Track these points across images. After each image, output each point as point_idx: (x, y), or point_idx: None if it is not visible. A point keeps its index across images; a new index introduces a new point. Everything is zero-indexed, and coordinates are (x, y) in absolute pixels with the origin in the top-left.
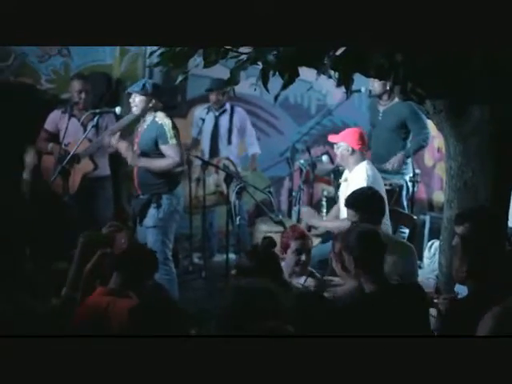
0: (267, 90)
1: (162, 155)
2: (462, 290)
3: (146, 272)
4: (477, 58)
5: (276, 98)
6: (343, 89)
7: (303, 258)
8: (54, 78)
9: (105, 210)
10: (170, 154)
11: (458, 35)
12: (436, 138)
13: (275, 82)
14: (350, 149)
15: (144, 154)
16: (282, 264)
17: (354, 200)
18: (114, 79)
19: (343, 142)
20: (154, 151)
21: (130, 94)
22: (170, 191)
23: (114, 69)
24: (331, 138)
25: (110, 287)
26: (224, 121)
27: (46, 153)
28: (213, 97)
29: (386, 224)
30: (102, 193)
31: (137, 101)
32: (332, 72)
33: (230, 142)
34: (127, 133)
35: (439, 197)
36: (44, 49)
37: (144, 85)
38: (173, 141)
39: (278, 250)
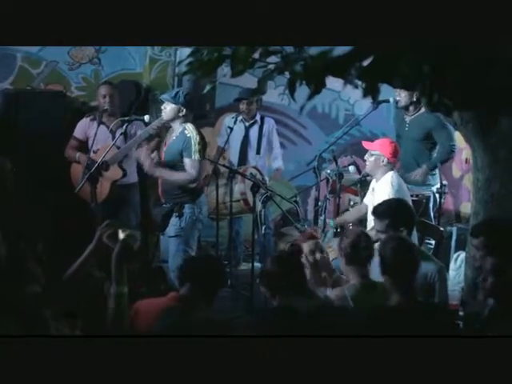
0: (294, 100)
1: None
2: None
3: (218, 285)
4: (505, 69)
5: (301, 108)
6: (371, 99)
7: (318, 256)
8: (85, 86)
9: (132, 217)
10: (189, 169)
11: (486, 46)
12: (464, 150)
13: (303, 91)
14: (385, 159)
15: (169, 163)
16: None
17: (381, 210)
18: (143, 87)
19: (378, 151)
20: (179, 162)
21: (161, 102)
22: (192, 200)
23: (143, 77)
24: (366, 145)
25: (183, 293)
26: (254, 131)
27: (75, 161)
28: (242, 106)
29: (413, 235)
30: (129, 200)
31: (168, 109)
32: (359, 82)
33: (258, 152)
34: (149, 140)
35: (466, 208)
36: (75, 56)
37: (177, 93)
38: (196, 156)
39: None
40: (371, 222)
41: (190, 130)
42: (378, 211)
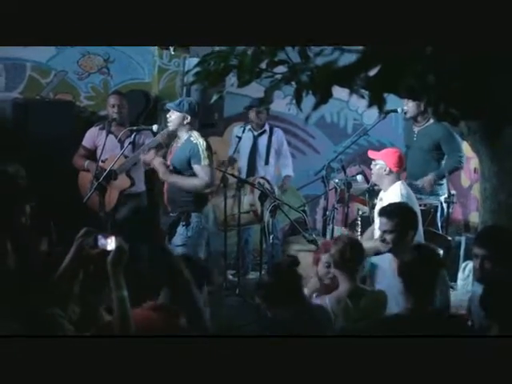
0: (300, 110)
1: (193, 174)
2: None
3: (195, 285)
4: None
5: (307, 118)
6: (377, 109)
7: (331, 270)
8: (93, 95)
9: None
10: (201, 175)
11: (492, 57)
12: (472, 159)
13: (310, 101)
14: (388, 169)
15: (176, 170)
16: (310, 281)
17: (389, 209)
18: (152, 97)
19: (382, 161)
20: (186, 169)
21: (167, 111)
22: (198, 209)
23: (152, 87)
24: (371, 154)
25: (160, 302)
26: (263, 141)
27: (82, 170)
28: (252, 115)
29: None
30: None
31: (172, 117)
32: (365, 92)
33: (267, 162)
34: (163, 147)
35: (475, 218)
36: (84, 66)
37: (181, 102)
38: (205, 161)
39: (309, 266)
40: (377, 230)
41: (195, 136)
42: (386, 211)
